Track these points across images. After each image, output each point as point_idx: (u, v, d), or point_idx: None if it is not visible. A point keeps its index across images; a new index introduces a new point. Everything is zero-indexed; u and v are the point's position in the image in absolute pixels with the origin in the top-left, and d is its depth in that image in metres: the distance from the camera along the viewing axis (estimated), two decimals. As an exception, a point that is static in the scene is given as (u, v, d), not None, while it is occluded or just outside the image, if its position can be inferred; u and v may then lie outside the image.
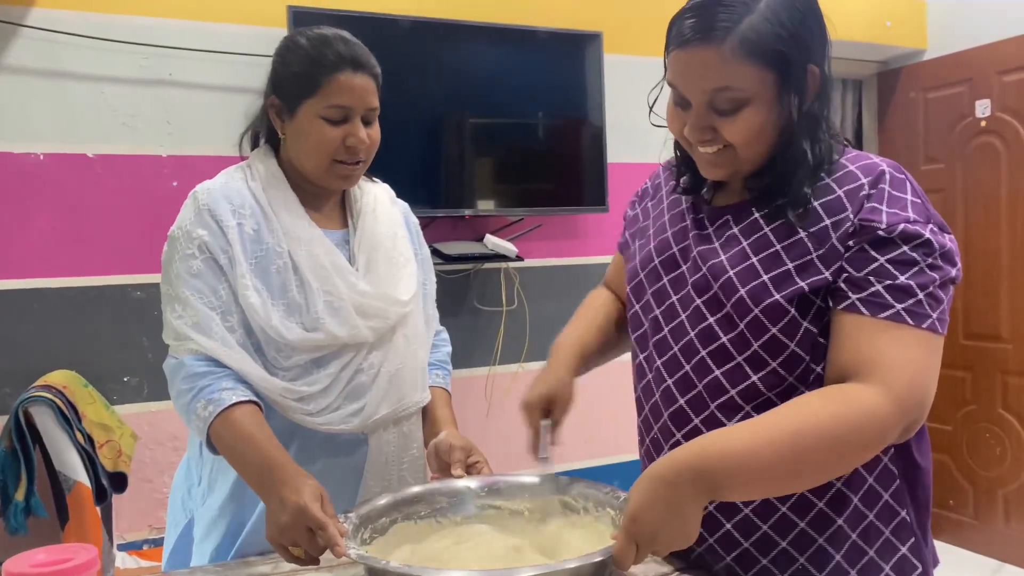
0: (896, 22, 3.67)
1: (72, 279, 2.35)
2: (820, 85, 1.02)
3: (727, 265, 1.05)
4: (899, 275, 0.95)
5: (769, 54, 0.97)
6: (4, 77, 2.28)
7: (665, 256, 1.14)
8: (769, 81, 0.98)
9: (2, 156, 2.28)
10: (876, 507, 1.05)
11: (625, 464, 3.10)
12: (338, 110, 1.26)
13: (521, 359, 2.98)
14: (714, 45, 0.96)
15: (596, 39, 2.95)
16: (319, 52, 1.26)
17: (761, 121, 1.00)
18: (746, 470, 0.90)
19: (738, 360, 1.03)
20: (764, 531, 1.05)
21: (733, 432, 0.94)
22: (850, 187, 1.01)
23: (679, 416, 1.09)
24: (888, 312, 0.95)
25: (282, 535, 1.06)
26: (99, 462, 1.98)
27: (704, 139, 1.03)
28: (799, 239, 1.01)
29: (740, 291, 1.02)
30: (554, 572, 0.91)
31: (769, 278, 1.01)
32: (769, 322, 1.01)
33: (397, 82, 2.62)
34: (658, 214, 1.21)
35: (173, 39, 2.44)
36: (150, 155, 2.43)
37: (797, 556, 1.04)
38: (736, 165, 1.05)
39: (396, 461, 1.35)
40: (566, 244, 3.09)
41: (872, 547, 1.04)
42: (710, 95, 0.99)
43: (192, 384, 1.20)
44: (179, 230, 1.27)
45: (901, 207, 0.98)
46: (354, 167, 1.30)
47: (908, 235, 0.96)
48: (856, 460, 0.96)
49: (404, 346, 1.36)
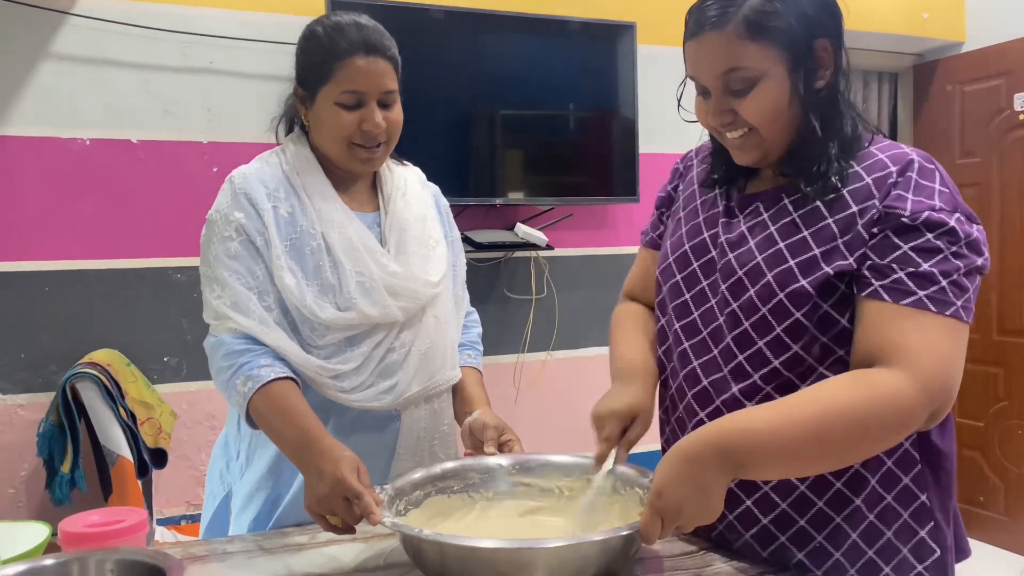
0: (934, 14, 3.63)
1: (115, 261, 2.42)
2: (834, 59, 1.05)
3: (755, 251, 1.07)
4: (922, 262, 0.96)
5: (772, 31, 1.00)
6: (52, 64, 2.35)
7: (696, 242, 1.16)
8: (778, 58, 1.01)
9: (50, 141, 2.35)
10: (894, 490, 1.06)
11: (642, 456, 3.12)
12: (352, 95, 1.28)
13: (550, 347, 3.01)
14: (720, 29, 1.01)
15: (629, 30, 2.96)
16: (332, 40, 1.28)
17: (775, 98, 1.02)
18: (768, 449, 0.92)
19: (759, 344, 1.05)
20: (782, 509, 1.07)
21: (758, 412, 0.96)
22: (878, 175, 1.02)
23: (702, 397, 1.11)
24: (911, 299, 0.96)
25: (320, 505, 1.10)
26: (141, 438, 2.04)
27: (726, 122, 1.06)
28: (826, 224, 1.03)
29: (767, 276, 1.04)
30: (582, 544, 0.94)
31: (796, 263, 1.03)
32: (793, 307, 1.02)
33: (430, 71, 2.67)
34: (689, 197, 1.23)
35: (215, 28, 2.49)
36: (191, 141, 2.50)
37: (815, 534, 1.06)
38: (763, 147, 1.07)
39: (427, 437, 1.39)
40: (596, 234, 3.11)
41: (889, 528, 1.05)
42: (723, 78, 1.03)
43: (232, 361, 1.25)
44: (217, 213, 1.31)
45: (927, 195, 0.99)
46: (374, 151, 1.33)
47: (932, 223, 0.97)
48: (880, 444, 0.97)
49: (434, 326, 1.39)
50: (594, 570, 0.94)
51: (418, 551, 0.98)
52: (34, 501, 2.31)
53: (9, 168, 2.32)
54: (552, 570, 0.92)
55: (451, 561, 0.93)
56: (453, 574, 0.93)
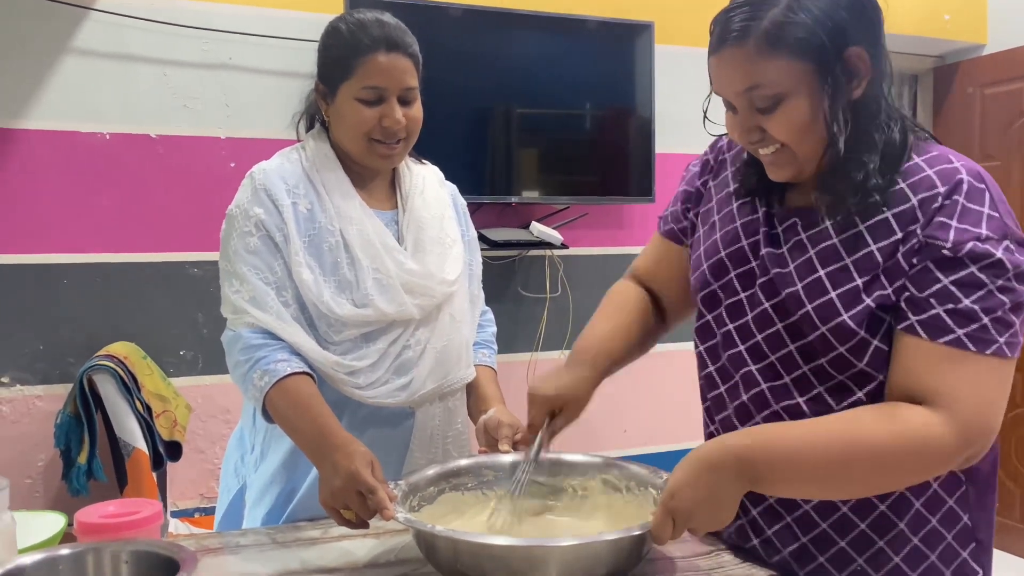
0: (955, 16, 3.59)
1: (133, 255, 2.44)
2: (871, 68, 0.96)
3: (795, 276, 1.01)
4: (963, 298, 0.90)
5: (795, 44, 0.93)
6: (73, 59, 2.37)
7: (734, 249, 1.09)
8: (804, 71, 0.94)
9: (70, 135, 2.37)
10: (939, 513, 1.02)
11: (656, 455, 3.11)
12: (372, 91, 1.29)
13: (563, 346, 3.01)
14: (739, 45, 0.95)
15: (647, 29, 2.95)
16: (355, 37, 1.29)
17: (804, 114, 0.95)
18: (788, 469, 0.91)
19: (804, 370, 1.01)
20: (823, 529, 1.03)
21: (786, 429, 0.94)
22: (924, 195, 0.95)
23: (743, 412, 1.07)
24: (948, 337, 0.90)
25: (334, 499, 1.10)
26: (156, 430, 2.06)
27: (754, 140, 1.00)
28: (869, 252, 0.96)
29: (807, 307, 0.98)
30: (593, 544, 0.94)
31: (838, 295, 0.96)
32: (837, 342, 0.97)
33: (447, 69, 2.67)
34: (724, 199, 1.15)
35: (233, 24, 2.51)
36: (209, 137, 2.51)
37: (855, 556, 1.03)
38: (797, 164, 1.00)
39: (441, 435, 1.39)
40: (611, 234, 3.10)
41: (933, 552, 1.02)
42: (746, 96, 0.97)
43: (249, 356, 1.26)
44: (237, 208, 1.32)
45: (973, 222, 0.92)
46: (393, 147, 1.33)
47: (977, 255, 0.91)
48: (907, 481, 0.95)
49: (450, 324, 1.39)
50: (606, 569, 0.94)
51: (431, 547, 0.98)
52: (51, 491, 2.34)
53: (30, 161, 2.35)
54: (564, 568, 0.92)
55: (464, 558, 0.93)
56: (466, 571, 0.93)
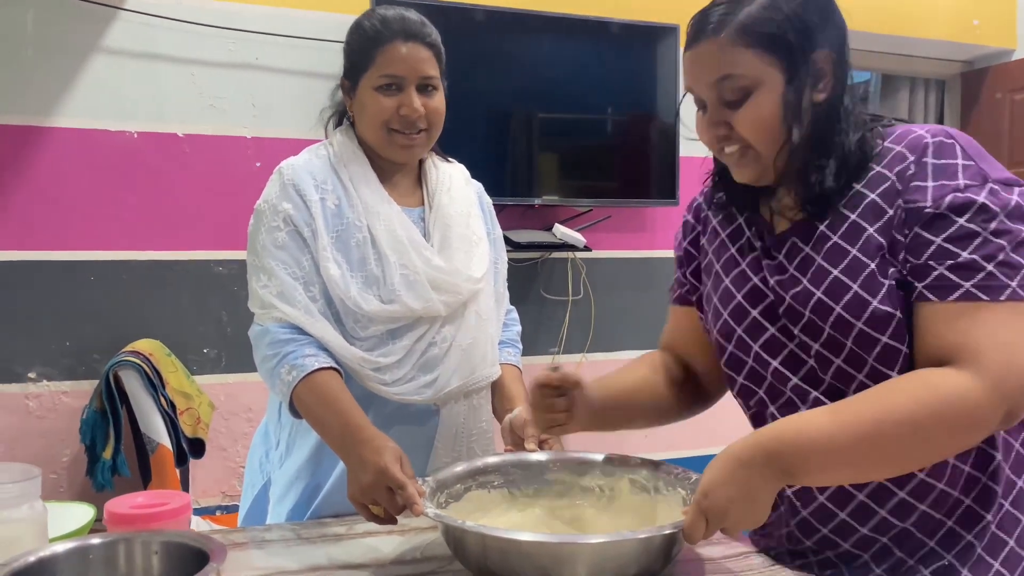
0: (984, 21, 3.56)
1: (159, 253, 2.46)
2: (834, 72, 0.99)
3: (811, 288, 0.99)
4: (960, 251, 0.90)
5: (766, 38, 0.96)
6: (103, 58, 2.40)
7: (747, 289, 1.08)
8: (773, 66, 0.97)
9: (100, 134, 2.40)
10: (1012, 495, 0.99)
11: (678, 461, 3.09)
12: (390, 80, 1.30)
13: (585, 349, 3.00)
14: (714, 38, 0.98)
15: (672, 32, 2.94)
16: (375, 29, 1.30)
17: (769, 109, 0.97)
18: (821, 456, 0.89)
19: (859, 378, 0.98)
20: (905, 528, 1.00)
21: (812, 417, 0.92)
22: (899, 168, 0.96)
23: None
24: (957, 293, 0.90)
25: (363, 494, 1.10)
26: (180, 427, 2.07)
27: (720, 135, 1.02)
28: (868, 235, 0.97)
29: (836, 309, 0.97)
30: (623, 542, 0.92)
31: (860, 286, 0.96)
32: (877, 332, 0.95)
33: (470, 71, 2.67)
34: (719, 247, 1.15)
35: (260, 24, 2.53)
36: (235, 136, 2.53)
37: (943, 553, 0.99)
38: (759, 164, 1.02)
39: (466, 433, 1.39)
40: (634, 237, 3.09)
41: (1011, 537, 0.98)
42: (716, 87, 0.99)
43: (276, 350, 1.26)
44: (265, 204, 1.33)
45: (949, 175, 0.92)
46: (413, 137, 1.33)
47: (958, 205, 0.91)
48: (947, 449, 0.92)
49: (475, 322, 1.39)
50: (636, 568, 0.93)
51: (460, 543, 0.98)
52: (75, 486, 2.36)
53: (59, 159, 2.37)
54: (593, 566, 0.91)
55: (493, 554, 0.92)
56: (494, 567, 0.93)
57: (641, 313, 2.98)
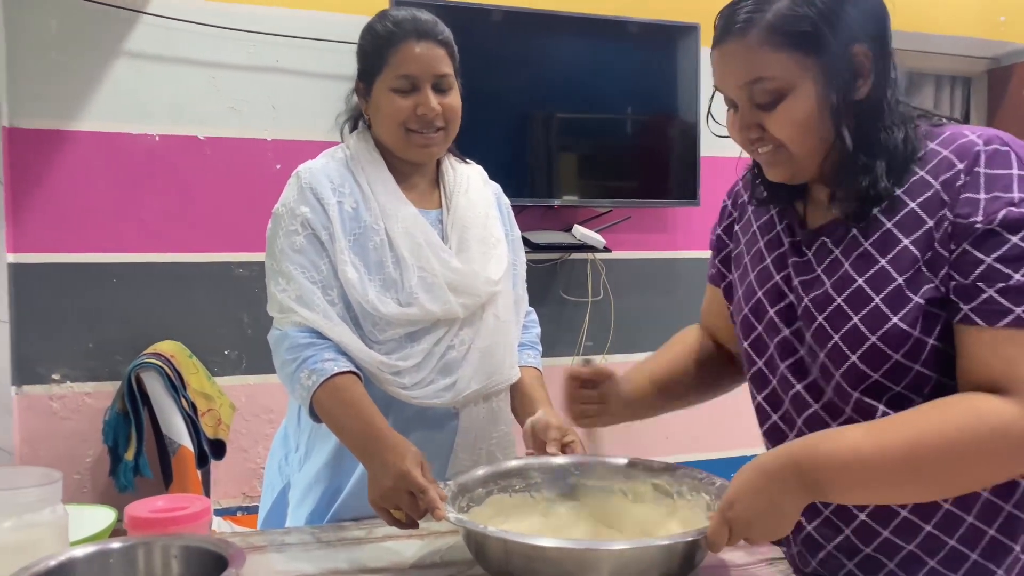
0: (1011, 17, 3.50)
1: (179, 255, 2.48)
2: (874, 66, 0.93)
3: (832, 293, 0.96)
4: (1012, 273, 0.84)
5: (798, 37, 0.91)
6: (125, 62, 2.42)
7: (768, 286, 1.06)
8: (807, 67, 0.91)
9: (121, 137, 2.42)
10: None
11: (698, 464, 3.07)
12: (405, 80, 1.29)
13: (605, 350, 2.98)
14: (742, 38, 0.93)
15: (692, 31, 2.92)
16: (388, 30, 1.30)
17: (805, 111, 0.92)
18: (851, 475, 0.87)
19: (855, 396, 0.95)
20: (908, 554, 0.98)
21: (846, 433, 0.89)
22: (946, 177, 0.90)
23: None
24: (1008, 319, 0.84)
25: (384, 499, 1.10)
26: (201, 429, 2.08)
27: (753, 137, 0.97)
28: (903, 248, 0.92)
29: (853, 319, 0.93)
30: (646, 548, 0.91)
31: (882, 299, 0.92)
32: (891, 349, 0.92)
33: (489, 72, 2.67)
34: (751, 239, 1.13)
35: (280, 27, 2.54)
36: (255, 139, 2.54)
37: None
38: (793, 164, 0.97)
39: (485, 436, 1.38)
40: (655, 237, 3.07)
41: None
42: (747, 90, 0.95)
43: (296, 355, 1.25)
44: (283, 208, 1.33)
45: (1003, 187, 0.86)
46: (430, 136, 1.33)
47: (1012, 222, 0.85)
48: (986, 477, 0.88)
49: (494, 324, 1.38)
50: (658, 574, 0.92)
51: (482, 548, 0.97)
52: (98, 487, 2.37)
53: (83, 162, 2.39)
54: (616, 572, 0.90)
55: (515, 559, 0.92)
56: (516, 572, 0.92)
57: (662, 314, 2.96)
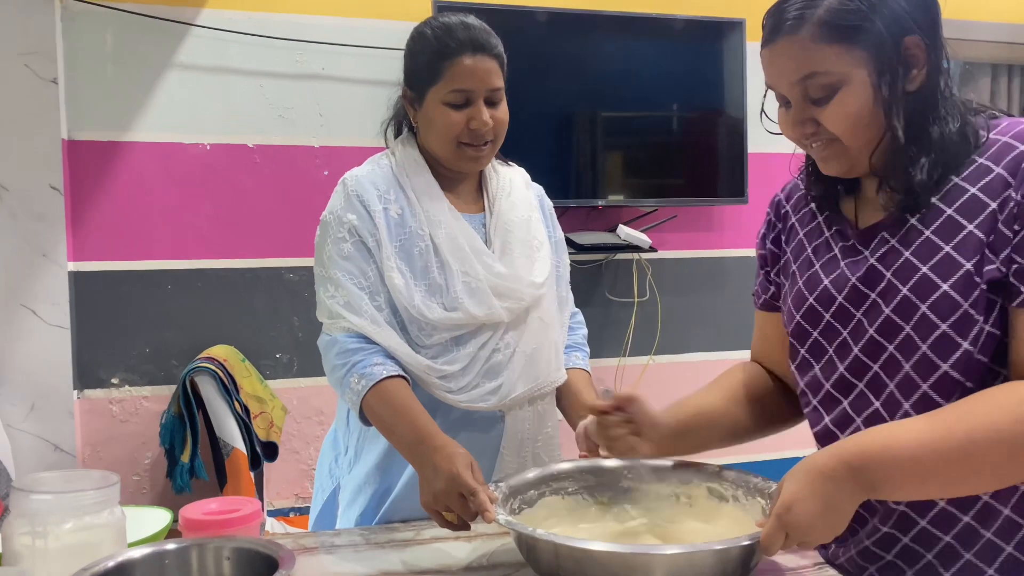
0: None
1: (232, 261, 2.53)
2: (928, 57, 0.93)
3: (897, 284, 0.95)
4: None
5: (850, 30, 0.91)
6: (177, 73, 2.48)
7: (819, 292, 1.04)
8: (860, 60, 0.92)
9: (174, 147, 2.48)
10: None
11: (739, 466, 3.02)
12: (460, 94, 1.29)
13: (652, 352, 2.95)
14: (794, 34, 0.93)
15: (738, 27, 2.88)
16: (441, 41, 1.29)
17: (859, 104, 0.93)
18: (906, 471, 0.86)
19: (923, 388, 0.94)
20: (945, 546, 0.97)
21: (898, 430, 0.88)
22: (1008, 160, 0.90)
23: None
24: None
25: (436, 501, 1.10)
26: (254, 431, 2.12)
27: (807, 132, 0.98)
28: (968, 233, 0.91)
29: (922, 308, 0.92)
30: (700, 553, 0.90)
31: (951, 286, 0.91)
32: (960, 337, 0.90)
33: (533, 73, 2.67)
34: (797, 247, 1.12)
35: (326, 35, 2.57)
36: (303, 146, 2.58)
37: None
38: (848, 158, 0.97)
39: (531, 439, 1.38)
40: (701, 236, 3.03)
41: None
42: (801, 86, 0.95)
43: (345, 360, 1.27)
44: (330, 215, 1.34)
45: None
46: (481, 149, 1.33)
47: None
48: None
49: (539, 327, 1.38)
50: (710, 580, 0.90)
51: (532, 551, 0.97)
52: (157, 488, 2.44)
53: (138, 172, 2.46)
54: (668, 577, 0.89)
55: (565, 562, 0.91)
56: (566, 576, 0.91)
57: (709, 314, 2.92)
